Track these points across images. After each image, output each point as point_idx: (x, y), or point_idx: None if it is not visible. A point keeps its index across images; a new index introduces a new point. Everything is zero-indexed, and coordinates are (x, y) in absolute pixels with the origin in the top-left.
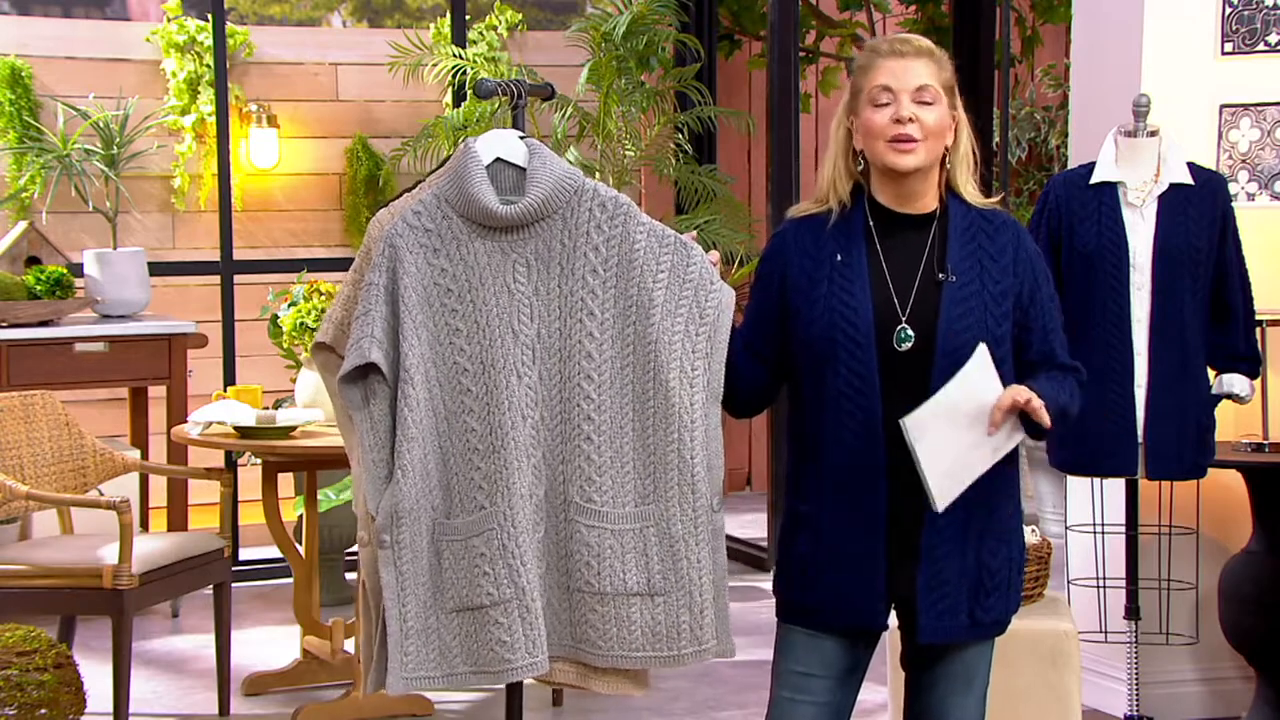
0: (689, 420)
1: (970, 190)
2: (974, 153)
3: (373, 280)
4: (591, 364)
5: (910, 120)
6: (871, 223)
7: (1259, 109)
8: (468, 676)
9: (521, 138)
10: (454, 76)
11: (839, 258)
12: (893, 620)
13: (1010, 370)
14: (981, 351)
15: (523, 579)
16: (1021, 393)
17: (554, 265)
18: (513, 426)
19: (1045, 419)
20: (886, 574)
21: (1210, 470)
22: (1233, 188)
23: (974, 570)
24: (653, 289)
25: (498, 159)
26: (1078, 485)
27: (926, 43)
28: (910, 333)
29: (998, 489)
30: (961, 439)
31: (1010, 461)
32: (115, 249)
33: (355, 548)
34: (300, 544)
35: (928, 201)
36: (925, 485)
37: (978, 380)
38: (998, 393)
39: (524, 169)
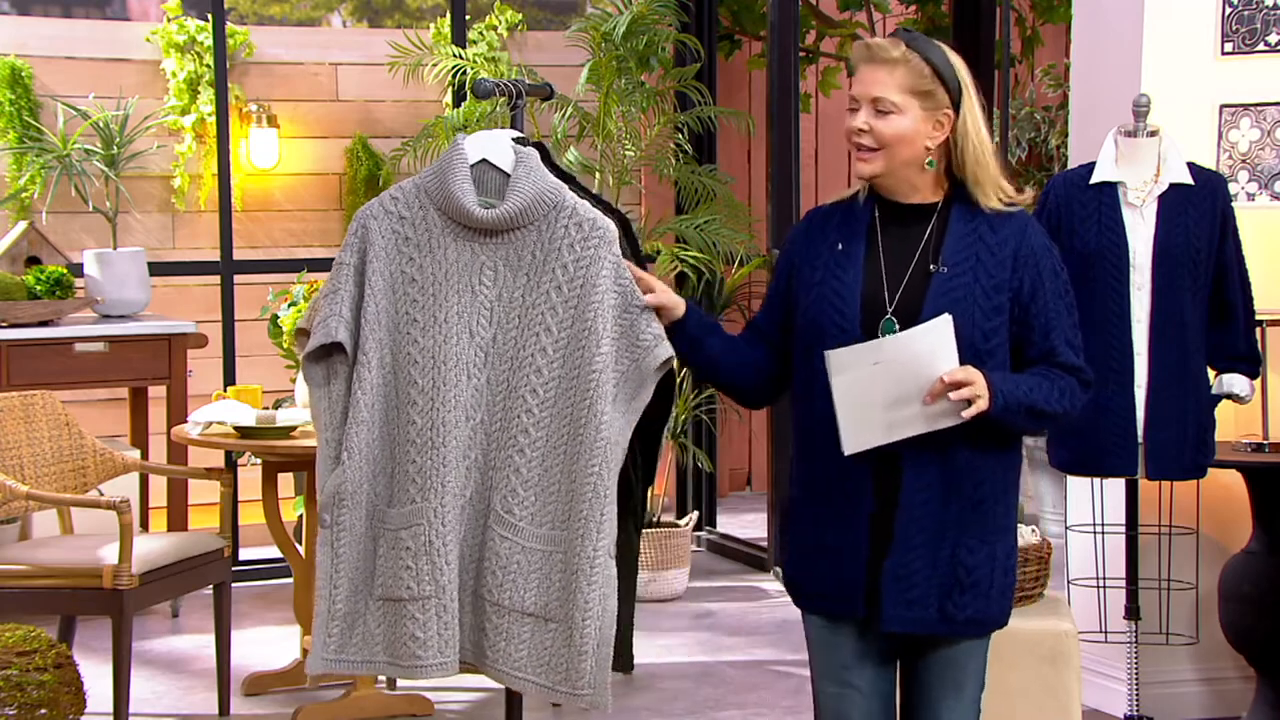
0: (610, 458)
1: (987, 194)
2: (983, 150)
3: (343, 259)
4: (539, 379)
5: (862, 130)
6: (878, 214)
7: (1259, 109)
8: (385, 666)
9: (517, 139)
10: (454, 76)
11: (840, 246)
12: None
13: (1003, 365)
14: (944, 321)
15: (444, 577)
16: (970, 375)
17: (521, 274)
18: (455, 425)
19: (970, 411)
20: (867, 563)
21: (1210, 470)
22: (1233, 188)
23: (947, 565)
24: (607, 319)
25: (484, 160)
26: (1078, 485)
27: (898, 50)
28: (895, 324)
29: (985, 486)
30: (889, 394)
31: (1006, 463)
32: (115, 249)
33: None
34: (300, 544)
35: (926, 194)
36: (838, 422)
37: (930, 347)
38: (950, 366)
39: (508, 174)
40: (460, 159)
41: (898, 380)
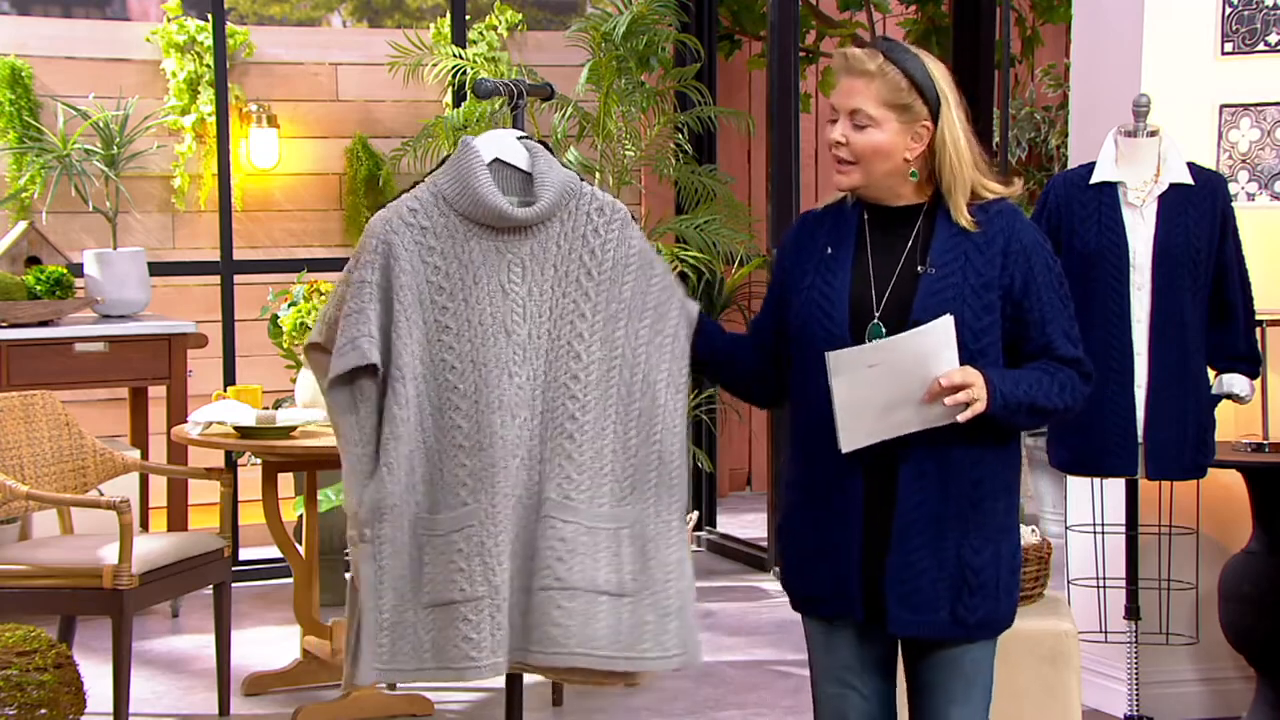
0: (672, 424)
1: (958, 205)
2: (960, 163)
3: (365, 278)
4: (579, 364)
5: (840, 144)
6: (866, 217)
7: (1259, 109)
8: (436, 673)
9: (520, 138)
10: (454, 76)
11: (829, 250)
12: None
13: (996, 362)
14: (945, 321)
15: (497, 577)
16: (967, 376)
17: (549, 267)
18: (502, 425)
19: (967, 414)
20: (861, 565)
21: (1210, 470)
22: (1233, 188)
23: (953, 566)
24: (646, 292)
25: (496, 159)
26: (1078, 485)
27: (875, 62)
28: (883, 328)
29: (985, 485)
30: (888, 394)
31: (1005, 461)
32: (115, 249)
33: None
34: (300, 544)
35: (910, 198)
36: (836, 421)
37: (931, 348)
38: (949, 367)
39: (523, 170)
40: (477, 161)
41: (897, 380)
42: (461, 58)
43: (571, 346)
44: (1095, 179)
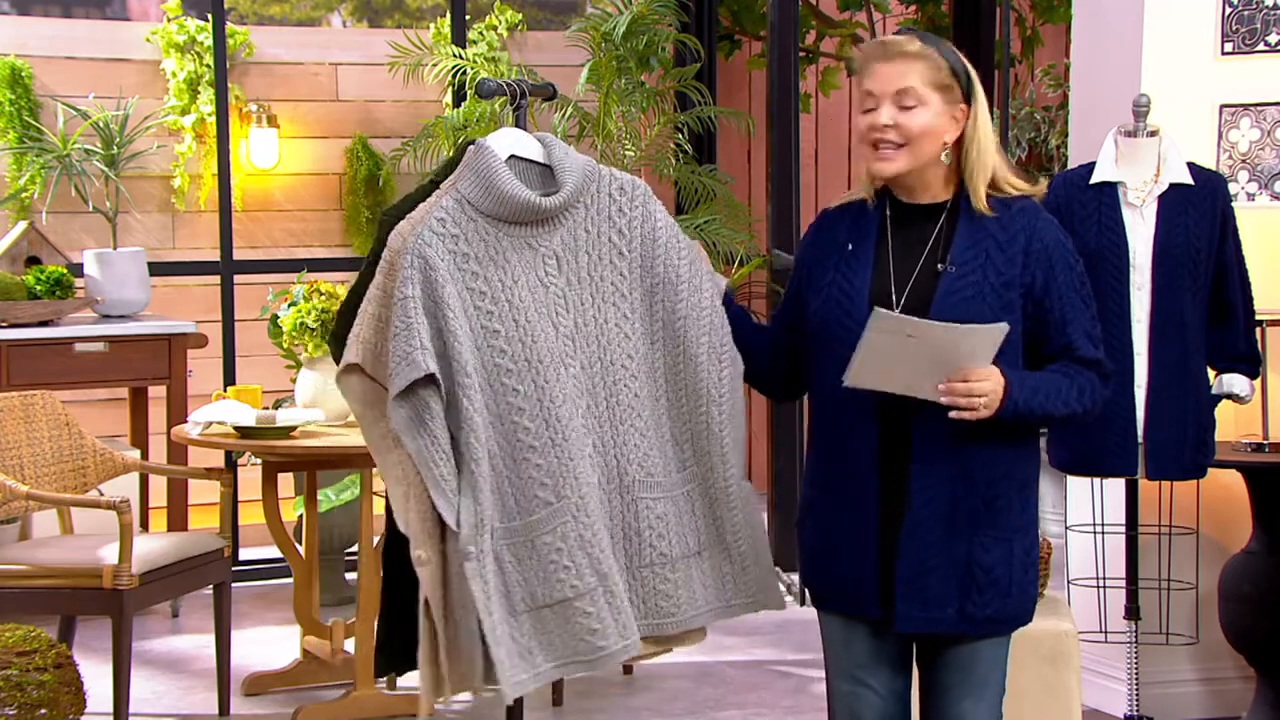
0: (717, 395)
1: (978, 193)
2: (985, 149)
3: (408, 293)
4: (629, 344)
5: (888, 126)
6: (889, 214)
7: (1259, 109)
8: (552, 671)
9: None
10: (454, 76)
11: (850, 247)
12: None
13: (1015, 362)
14: (1000, 328)
15: (604, 565)
16: (985, 384)
17: (581, 254)
18: (569, 417)
19: (963, 415)
20: (876, 562)
21: (1210, 470)
22: (1233, 188)
23: (963, 563)
24: (678, 265)
25: (512, 156)
26: (1078, 485)
27: (915, 44)
28: None
29: (1000, 483)
30: (912, 364)
31: (1021, 459)
32: (115, 249)
33: (354, 548)
34: (300, 544)
35: (937, 192)
36: (852, 359)
37: (976, 347)
38: (977, 367)
39: (541, 163)
40: (495, 160)
41: (926, 358)
42: (461, 58)
43: (620, 328)
44: (1095, 179)
